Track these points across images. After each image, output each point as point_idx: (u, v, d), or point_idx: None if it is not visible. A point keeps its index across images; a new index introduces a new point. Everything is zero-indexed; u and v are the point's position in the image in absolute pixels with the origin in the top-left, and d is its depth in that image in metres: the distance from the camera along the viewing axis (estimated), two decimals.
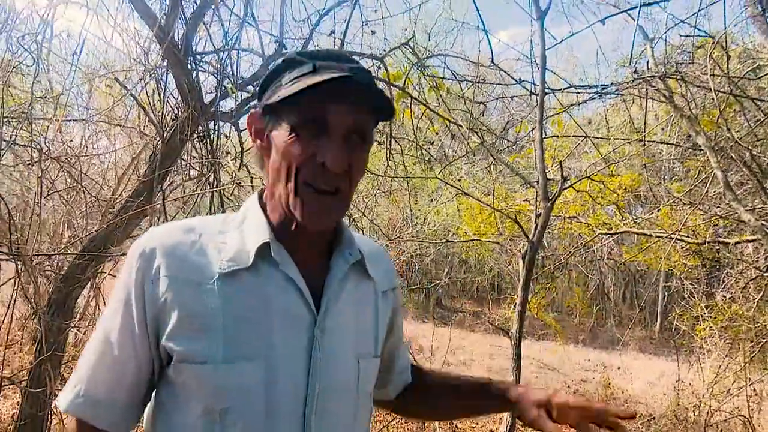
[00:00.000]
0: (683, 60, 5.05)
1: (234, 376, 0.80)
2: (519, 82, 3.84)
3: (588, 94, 4.19)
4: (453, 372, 1.31)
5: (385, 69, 3.64)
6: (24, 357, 4.81)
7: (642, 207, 9.61)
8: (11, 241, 2.66)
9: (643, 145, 4.93)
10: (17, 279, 2.84)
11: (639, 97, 4.59)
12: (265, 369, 0.81)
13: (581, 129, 4.73)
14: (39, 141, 3.36)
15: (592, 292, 15.47)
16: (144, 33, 3.03)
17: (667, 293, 13.96)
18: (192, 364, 0.80)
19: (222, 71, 3.07)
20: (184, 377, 0.81)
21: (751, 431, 4.76)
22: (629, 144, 5.30)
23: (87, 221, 3.83)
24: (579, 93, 4.26)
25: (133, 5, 2.74)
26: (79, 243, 3.31)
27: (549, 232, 8.26)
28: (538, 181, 2.98)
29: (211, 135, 3.10)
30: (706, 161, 4.56)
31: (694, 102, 4.34)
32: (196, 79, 2.96)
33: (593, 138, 5.05)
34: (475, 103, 4.46)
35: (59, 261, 3.47)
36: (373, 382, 0.98)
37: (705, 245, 5.45)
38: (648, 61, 4.42)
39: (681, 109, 4.17)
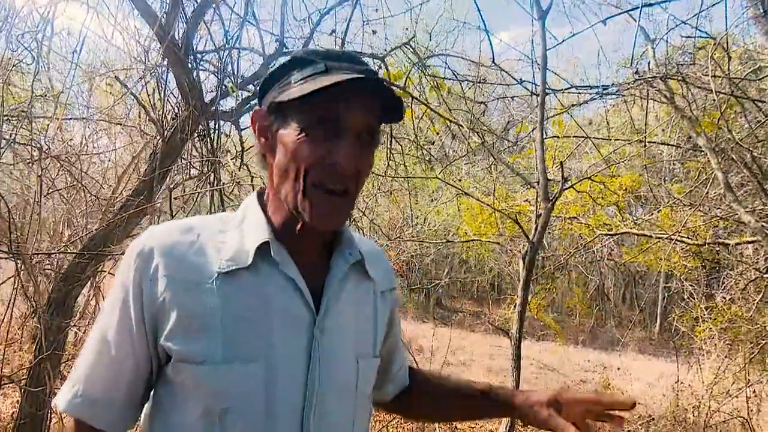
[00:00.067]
0: (684, 61, 5.05)
1: (234, 376, 0.79)
2: (520, 82, 3.85)
3: (589, 94, 4.19)
4: (452, 375, 1.30)
5: (386, 69, 3.64)
6: (24, 356, 4.81)
7: (642, 208, 9.60)
8: (11, 240, 2.66)
9: (644, 146, 4.93)
10: (17, 277, 2.84)
11: (640, 98, 4.59)
12: (265, 369, 0.80)
13: (582, 129, 4.73)
14: (39, 139, 3.36)
15: (592, 292, 15.48)
16: (144, 31, 3.03)
17: (667, 294, 13.96)
18: (191, 364, 0.79)
19: (222, 70, 3.06)
20: (182, 377, 0.81)
21: None
22: (630, 145, 5.29)
23: (87, 220, 3.83)
24: (580, 93, 4.26)
25: (134, 4, 2.74)
26: (79, 242, 3.31)
27: (549, 232, 8.26)
28: (538, 182, 2.98)
29: (212, 134, 3.10)
30: (706, 162, 4.55)
31: (695, 103, 4.34)
32: (196, 78, 2.96)
33: (594, 139, 5.04)
34: (476, 103, 4.46)
35: (59, 260, 3.47)
36: (372, 382, 0.98)
37: (705, 246, 5.45)
38: (649, 62, 4.42)
39: (682, 110, 4.17)
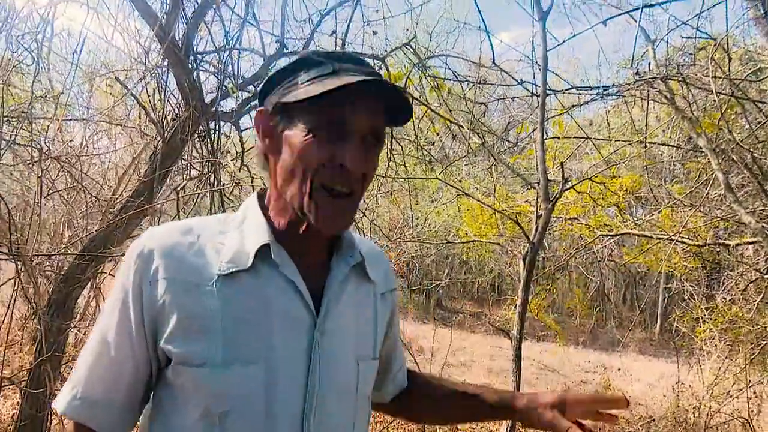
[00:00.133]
0: (685, 62, 5.04)
1: (234, 378, 0.79)
2: (520, 83, 3.85)
3: (589, 95, 4.19)
4: (451, 378, 1.30)
5: (387, 69, 3.64)
6: (24, 357, 4.80)
7: (643, 208, 9.59)
8: (11, 241, 2.65)
9: (644, 147, 4.93)
10: (17, 279, 2.84)
11: (640, 99, 4.59)
12: (266, 371, 0.80)
13: (582, 130, 4.73)
14: (39, 140, 3.36)
15: (592, 293, 15.47)
16: (145, 32, 3.02)
17: (668, 295, 13.95)
18: (190, 366, 0.79)
19: (223, 71, 3.06)
20: (182, 379, 0.81)
21: None
22: (630, 145, 5.29)
23: (87, 221, 3.83)
24: (580, 94, 4.26)
25: (134, 4, 2.74)
26: (80, 243, 3.30)
27: (550, 233, 8.25)
28: (539, 183, 2.98)
29: (212, 135, 3.10)
30: (707, 163, 4.55)
31: (695, 104, 4.34)
32: (196, 79, 2.96)
33: (594, 139, 5.04)
34: (477, 104, 4.46)
35: (59, 261, 3.47)
36: (372, 384, 0.98)
37: (705, 247, 5.44)
38: (649, 63, 4.42)
39: (682, 111, 4.17)
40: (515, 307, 3.06)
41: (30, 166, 3.83)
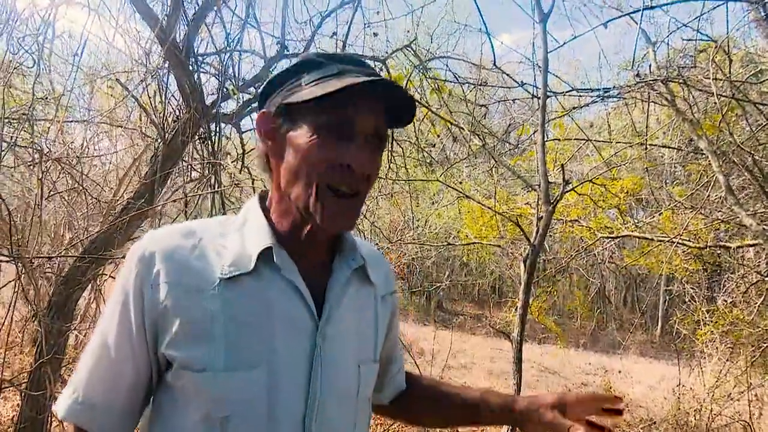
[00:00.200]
0: (685, 64, 5.04)
1: (236, 383, 0.79)
2: (521, 85, 3.84)
3: (590, 97, 4.18)
4: (452, 380, 1.30)
5: (387, 71, 3.64)
6: (24, 359, 4.80)
7: (643, 210, 9.59)
8: (12, 243, 2.65)
9: (645, 149, 4.93)
10: (18, 281, 2.83)
11: (641, 101, 4.59)
12: (268, 374, 0.80)
13: (583, 132, 4.74)
14: (40, 142, 3.36)
15: (593, 295, 15.46)
16: (146, 34, 3.03)
17: (668, 297, 13.94)
18: (192, 371, 0.79)
19: (223, 73, 3.06)
20: (183, 382, 0.80)
21: None
22: (631, 147, 5.29)
23: (88, 223, 3.82)
24: (581, 96, 4.25)
25: (135, 6, 2.74)
26: (80, 245, 3.30)
27: (550, 235, 8.25)
28: (539, 185, 2.97)
29: (213, 136, 3.10)
30: (707, 165, 4.55)
31: (696, 106, 4.33)
32: (197, 81, 2.96)
33: (595, 141, 5.04)
34: (477, 106, 4.46)
35: (60, 263, 3.46)
36: (372, 386, 0.97)
37: (706, 249, 5.44)
38: (650, 65, 4.42)
39: (683, 113, 4.16)
40: (516, 309, 3.06)
41: (31, 167, 3.83)
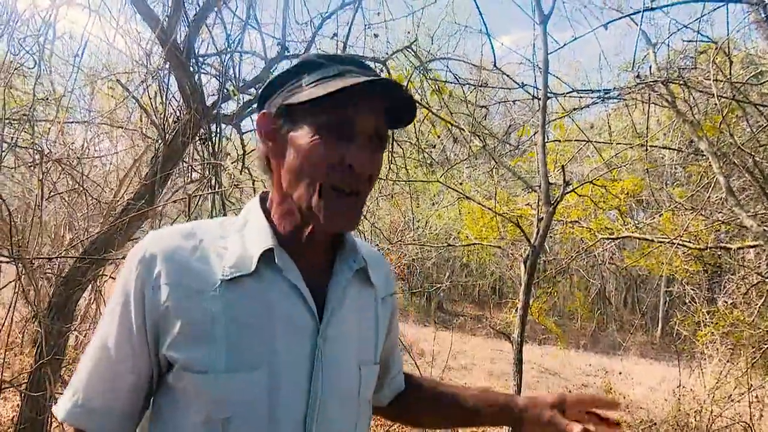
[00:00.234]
0: (686, 65, 5.04)
1: (237, 384, 0.78)
2: (521, 86, 3.83)
3: (590, 98, 4.18)
4: (452, 381, 1.30)
5: (388, 72, 3.64)
6: (24, 360, 4.80)
7: (644, 212, 9.59)
8: (12, 244, 2.65)
9: (646, 150, 4.93)
10: (18, 282, 2.83)
11: (641, 102, 4.58)
12: (269, 375, 0.80)
13: (583, 133, 4.73)
14: (41, 143, 3.37)
15: (593, 296, 15.46)
16: (146, 35, 3.03)
17: (669, 298, 13.94)
18: (193, 373, 0.78)
19: (224, 74, 3.06)
20: (184, 383, 0.80)
21: None
22: (631, 149, 5.29)
23: (88, 224, 3.82)
24: (581, 97, 4.26)
25: (136, 7, 2.74)
26: (81, 245, 3.30)
27: (551, 236, 8.25)
28: (540, 186, 2.97)
29: (213, 137, 3.10)
30: (708, 166, 4.55)
31: (696, 107, 4.33)
32: (198, 82, 2.96)
33: (595, 142, 5.03)
34: (478, 107, 4.45)
35: (60, 263, 3.46)
36: (373, 388, 0.97)
37: (707, 251, 5.43)
38: (650, 66, 4.42)
39: (683, 114, 4.16)
40: (516, 310, 3.05)
41: (31, 168, 3.83)
